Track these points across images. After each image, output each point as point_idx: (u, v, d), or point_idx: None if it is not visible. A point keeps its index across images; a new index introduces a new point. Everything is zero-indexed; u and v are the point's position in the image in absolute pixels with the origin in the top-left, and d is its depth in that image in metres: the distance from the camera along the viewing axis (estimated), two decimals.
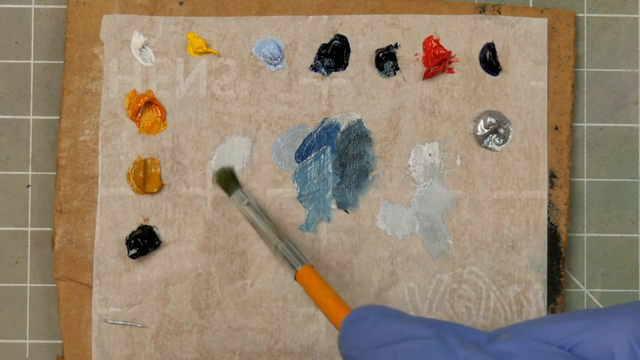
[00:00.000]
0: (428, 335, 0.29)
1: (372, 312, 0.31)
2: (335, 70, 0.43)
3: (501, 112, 0.43)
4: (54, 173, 0.44)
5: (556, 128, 0.44)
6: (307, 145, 0.43)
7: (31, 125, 0.44)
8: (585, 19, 0.45)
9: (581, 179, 0.45)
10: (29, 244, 0.44)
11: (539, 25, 0.44)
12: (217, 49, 0.43)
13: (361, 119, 0.43)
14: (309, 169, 0.43)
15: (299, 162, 0.43)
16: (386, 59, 0.43)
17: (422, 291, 0.43)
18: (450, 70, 0.43)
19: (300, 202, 0.43)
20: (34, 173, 0.44)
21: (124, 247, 0.42)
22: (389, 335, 0.29)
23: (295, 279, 0.38)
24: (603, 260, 0.45)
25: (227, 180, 0.41)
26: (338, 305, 0.34)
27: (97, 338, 0.42)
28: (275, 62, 0.43)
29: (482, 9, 0.44)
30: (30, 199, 0.44)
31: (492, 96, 0.43)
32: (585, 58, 0.45)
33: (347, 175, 0.43)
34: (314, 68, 0.43)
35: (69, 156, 0.42)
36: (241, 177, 0.43)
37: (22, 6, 0.44)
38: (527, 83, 0.43)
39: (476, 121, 0.43)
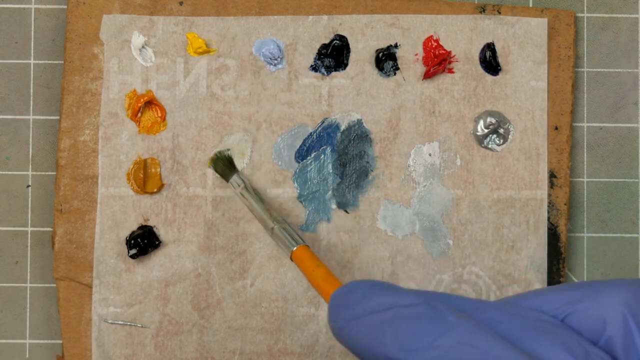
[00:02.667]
0: (417, 302, 0.29)
1: (360, 284, 0.31)
2: (335, 70, 0.43)
3: (501, 112, 0.43)
4: (54, 173, 0.44)
5: (556, 128, 0.44)
6: (307, 145, 0.43)
7: (31, 125, 0.44)
8: (585, 19, 0.45)
9: (581, 179, 0.45)
10: (29, 244, 0.44)
11: (539, 25, 0.44)
12: (217, 49, 0.43)
13: (361, 119, 0.43)
14: (309, 169, 0.43)
15: (299, 162, 0.43)
16: (386, 59, 0.43)
17: None
18: (450, 70, 0.43)
19: (300, 202, 0.43)
20: (34, 173, 0.44)
21: (124, 247, 0.42)
22: (378, 304, 0.29)
23: (291, 259, 0.38)
24: (603, 260, 0.45)
25: (224, 166, 0.42)
26: (329, 283, 0.34)
27: (97, 338, 0.42)
28: (275, 62, 0.43)
29: (482, 9, 0.44)
30: (30, 199, 0.44)
31: (492, 96, 0.43)
32: (585, 58, 0.45)
33: (347, 175, 0.43)
34: (314, 68, 0.43)
35: (69, 156, 0.42)
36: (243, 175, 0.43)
37: (22, 6, 0.44)
38: (527, 83, 0.43)
39: (476, 121, 0.43)
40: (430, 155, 0.43)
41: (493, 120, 0.43)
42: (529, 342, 0.28)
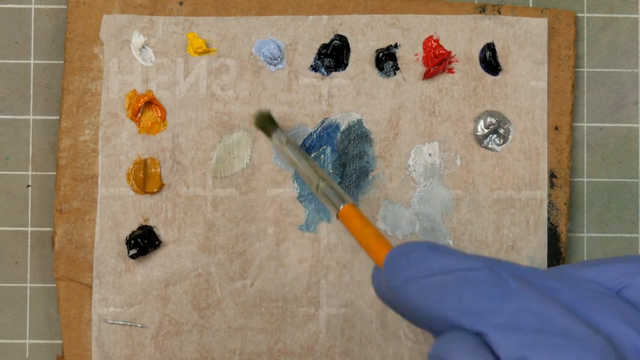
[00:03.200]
0: (479, 267, 0.28)
1: (419, 245, 0.30)
2: (335, 70, 0.43)
3: (501, 112, 0.43)
4: (54, 173, 0.44)
5: (556, 128, 0.44)
6: (307, 145, 0.43)
7: (31, 125, 0.44)
8: (585, 19, 0.45)
9: (581, 179, 0.45)
10: (29, 244, 0.44)
11: (539, 25, 0.44)
12: (217, 49, 0.43)
13: (361, 119, 0.43)
14: None
15: None
16: (386, 59, 0.43)
17: None
18: (450, 70, 0.43)
19: (300, 202, 0.43)
20: (34, 173, 0.44)
21: (124, 247, 0.42)
22: (438, 266, 0.29)
23: (337, 217, 0.37)
24: None
25: (266, 122, 0.41)
26: (379, 244, 0.33)
27: (97, 338, 0.42)
28: (275, 62, 0.43)
29: (482, 9, 0.44)
30: (30, 199, 0.44)
31: (492, 96, 0.43)
32: (585, 58, 0.45)
33: (347, 175, 0.43)
34: (314, 68, 0.43)
35: (69, 156, 0.42)
36: (241, 177, 0.43)
37: (22, 6, 0.44)
38: (527, 83, 0.43)
39: (476, 121, 0.43)
40: (430, 155, 0.43)
41: (493, 120, 0.43)
42: (588, 313, 0.27)
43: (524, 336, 0.26)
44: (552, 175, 0.43)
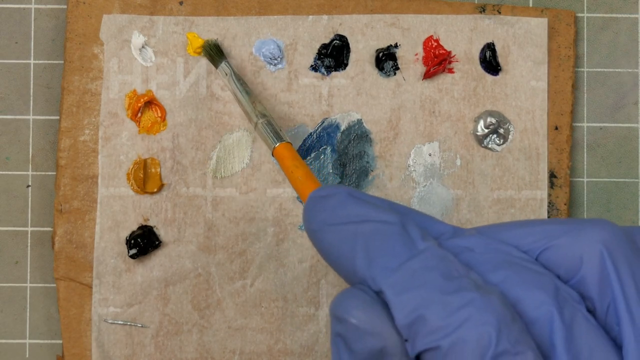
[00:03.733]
0: (392, 221, 0.28)
1: (340, 190, 0.30)
2: (335, 70, 0.43)
3: (501, 112, 0.43)
4: (54, 173, 0.44)
5: (556, 128, 0.44)
6: (307, 145, 0.43)
7: (31, 125, 0.44)
8: (585, 19, 0.45)
9: (581, 179, 0.45)
10: (29, 244, 0.44)
11: (539, 25, 0.44)
12: None
13: (361, 119, 0.43)
14: None
15: None
16: (386, 59, 0.43)
17: None
18: (450, 70, 0.43)
19: (300, 202, 0.43)
20: (34, 173, 0.44)
21: (124, 247, 0.42)
22: (354, 215, 0.29)
23: (272, 155, 0.38)
24: None
25: (213, 51, 0.42)
26: (307, 185, 0.34)
27: (97, 338, 0.42)
28: (275, 62, 0.43)
29: (482, 9, 0.44)
30: (30, 199, 0.44)
31: (492, 96, 0.43)
32: (585, 58, 0.45)
33: (347, 175, 0.43)
34: (314, 68, 0.43)
35: (69, 156, 0.42)
36: (241, 177, 0.43)
37: (22, 6, 0.44)
38: (527, 83, 0.43)
39: (476, 121, 0.43)
40: (430, 155, 0.43)
41: (493, 120, 0.43)
42: (498, 276, 0.27)
43: (417, 295, 0.26)
44: (552, 175, 0.43)
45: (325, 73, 0.43)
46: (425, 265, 0.27)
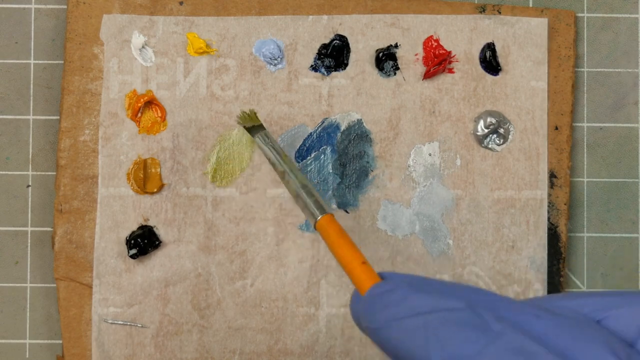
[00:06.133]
0: (461, 307, 0.28)
1: (400, 283, 0.30)
2: (335, 70, 0.43)
3: (501, 112, 0.43)
4: (54, 173, 0.44)
5: (556, 128, 0.44)
6: (307, 145, 0.43)
7: (31, 125, 0.44)
8: (585, 19, 0.45)
9: (581, 179, 0.45)
10: (29, 244, 0.44)
11: (539, 25, 0.44)
12: (217, 49, 0.43)
13: (361, 119, 0.43)
14: (309, 169, 0.43)
15: (299, 162, 0.43)
16: (386, 59, 0.43)
17: None
18: (450, 70, 0.43)
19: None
20: (34, 173, 0.44)
21: (124, 247, 0.42)
22: (420, 306, 0.28)
23: (314, 228, 0.36)
24: (603, 260, 0.45)
25: (250, 121, 0.41)
26: (360, 268, 0.32)
27: (97, 338, 0.42)
28: (275, 62, 0.43)
29: (482, 9, 0.44)
30: (30, 199, 0.44)
31: (492, 96, 0.43)
32: (585, 58, 0.45)
33: (347, 175, 0.43)
34: (314, 68, 0.43)
35: (69, 156, 0.42)
36: (241, 177, 0.43)
37: (22, 6, 0.44)
38: (527, 83, 0.43)
39: (476, 121, 0.43)
40: (430, 155, 0.43)
41: (493, 120, 0.43)
42: (570, 341, 0.27)
43: None
44: (552, 175, 0.43)
45: (325, 73, 0.43)
46: (506, 348, 0.27)
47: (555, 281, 0.43)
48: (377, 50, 0.43)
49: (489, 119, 0.43)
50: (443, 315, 0.28)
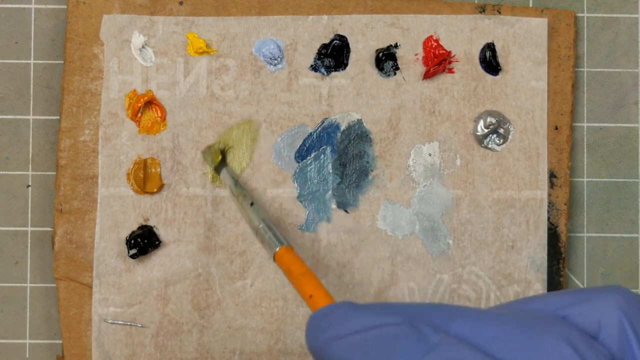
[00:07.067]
0: (398, 321, 0.29)
1: (340, 305, 0.31)
2: (335, 70, 0.43)
3: (501, 112, 0.43)
4: (54, 173, 0.44)
5: (556, 128, 0.44)
6: (307, 145, 0.43)
7: (31, 125, 0.44)
8: (585, 19, 0.45)
9: (581, 179, 0.45)
10: (29, 244, 0.44)
11: (539, 25, 0.44)
12: (217, 49, 0.43)
13: (361, 119, 0.43)
14: (309, 169, 0.43)
15: (299, 162, 0.43)
16: (386, 59, 0.43)
17: (422, 291, 0.43)
18: (450, 70, 0.43)
19: (300, 202, 0.43)
20: (34, 173, 0.44)
21: (124, 247, 0.42)
22: (359, 324, 0.29)
23: (273, 260, 0.38)
24: (603, 260, 0.45)
25: (216, 158, 0.42)
26: (323, 297, 0.34)
27: (97, 338, 0.42)
28: (275, 62, 0.43)
29: (482, 9, 0.44)
30: (30, 199, 0.44)
31: (492, 96, 0.43)
32: (585, 58, 0.45)
33: (347, 175, 0.43)
34: (314, 68, 0.43)
35: (69, 156, 0.42)
36: (241, 177, 0.43)
37: (22, 6, 0.44)
38: (527, 83, 0.43)
39: (476, 121, 0.43)
40: (430, 155, 0.43)
41: (493, 120, 0.43)
42: (525, 340, 0.28)
43: None
44: (552, 175, 0.43)
45: (325, 73, 0.43)
46: (441, 358, 0.27)
47: (555, 281, 0.43)
48: (377, 50, 0.43)
49: (489, 119, 0.43)
50: (382, 331, 0.29)
